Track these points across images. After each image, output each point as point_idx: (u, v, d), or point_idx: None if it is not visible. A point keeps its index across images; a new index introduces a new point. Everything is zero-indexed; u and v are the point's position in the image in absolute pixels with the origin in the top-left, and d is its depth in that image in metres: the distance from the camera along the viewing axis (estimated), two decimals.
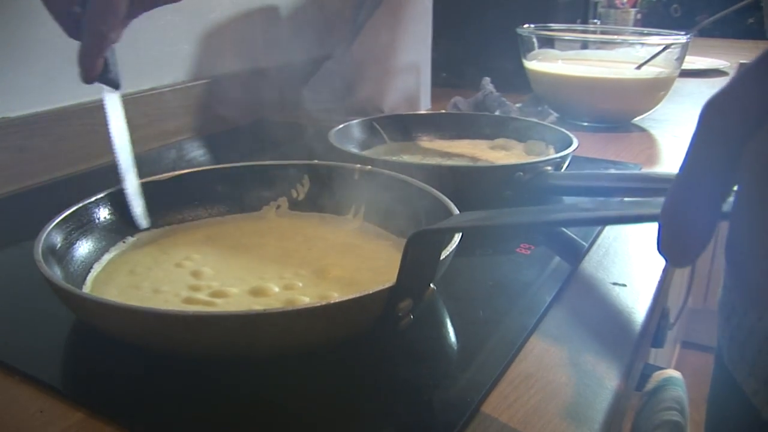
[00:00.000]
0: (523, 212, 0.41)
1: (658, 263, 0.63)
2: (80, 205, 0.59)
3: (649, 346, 0.81)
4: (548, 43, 1.27)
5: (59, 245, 0.54)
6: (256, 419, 0.41)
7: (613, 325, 0.53)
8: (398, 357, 0.48)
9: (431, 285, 0.47)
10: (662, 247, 0.29)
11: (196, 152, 1.08)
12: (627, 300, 0.57)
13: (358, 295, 0.43)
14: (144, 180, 0.65)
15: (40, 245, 0.50)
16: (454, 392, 0.44)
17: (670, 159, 1.01)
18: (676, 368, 2.29)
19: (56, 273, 0.51)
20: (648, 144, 1.10)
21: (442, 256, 0.47)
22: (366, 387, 0.45)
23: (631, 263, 0.63)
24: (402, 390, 0.45)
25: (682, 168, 0.28)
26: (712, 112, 0.28)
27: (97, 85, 0.67)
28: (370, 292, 0.43)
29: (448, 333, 0.51)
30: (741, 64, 2.07)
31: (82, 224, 0.58)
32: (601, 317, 0.54)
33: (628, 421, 0.92)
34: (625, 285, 0.59)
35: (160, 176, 0.66)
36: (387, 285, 0.44)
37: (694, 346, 2.42)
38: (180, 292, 0.53)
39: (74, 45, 0.92)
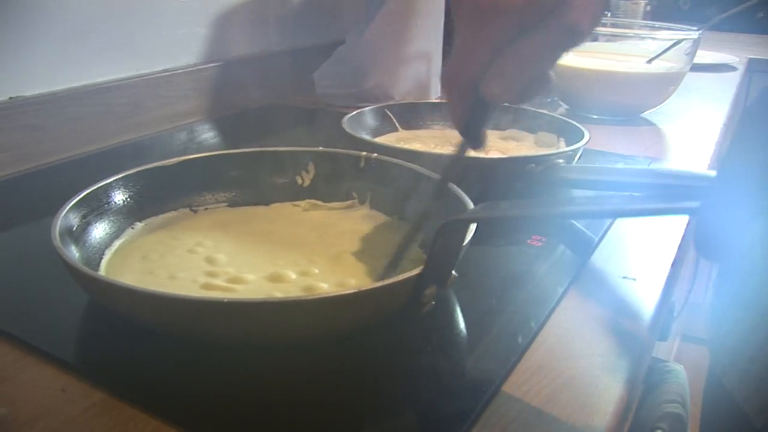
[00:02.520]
0: (550, 203, 0.42)
1: (666, 258, 0.64)
2: (94, 187, 0.59)
3: (656, 339, 0.82)
4: None
5: (75, 227, 0.55)
6: (280, 403, 0.42)
7: (623, 319, 0.53)
8: (417, 344, 0.48)
9: (453, 272, 0.48)
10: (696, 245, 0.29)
11: (207, 134, 1.09)
12: (636, 294, 0.57)
13: (388, 281, 0.44)
14: (150, 165, 0.65)
15: (57, 228, 0.50)
16: (471, 380, 0.45)
17: (677, 154, 1.01)
18: (676, 361, 2.31)
19: (73, 254, 0.52)
20: (657, 138, 1.11)
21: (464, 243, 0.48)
22: (388, 371, 0.46)
23: (640, 257, 0.64)
24: (422, 375, 0.46)
25: None
26: None
27: None
28: (400, 278, 0.44)
29: (463, 322, 0.52)
30: (750, 59, 2.07)
31: (95, 207, 0.58)
32: (611, 310, 0.55)
33: (630, 412, 0.93)
34: (634, 279, 0.60)
35: (167, 161, 0.66)
36: (414, 272, 0.44)
37: (694, 339, 2.43)
38: (197, 278, 0.53)
39: (88, 22, 0.93)
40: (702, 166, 0.96)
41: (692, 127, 1.16)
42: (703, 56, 1.88)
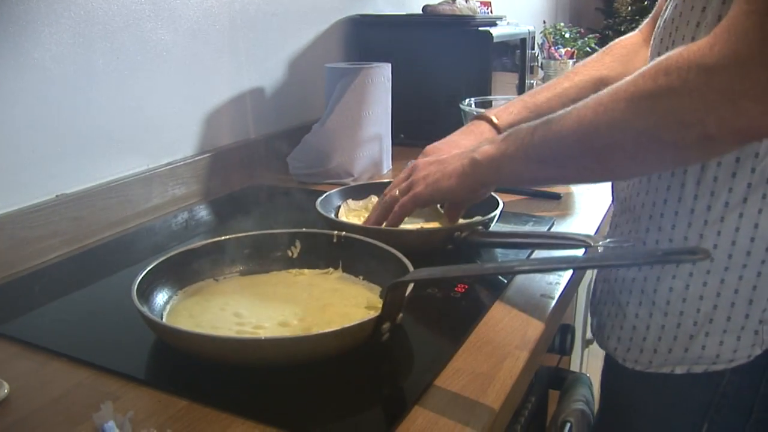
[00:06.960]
0: (461, 268, 0.70)
1: (550, 299, 0.91)
2: (150, 267, 0.84)
3: (557, 353, 1.09)
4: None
5: (142, 295, 0.79)
6: (294, 397, 0.68)
7: (517, 338, 0.80)
8: (380, 359, 0.75)
9: (400, 314, 0.74)
10: None
11: (203, 213, 1.34)
12: (528, 324, 0.84)
13: (358, 322, 0.70)
14: (184, 248, 0.91)
15: (135, 296, 0.76)
16: (415, 379, 0.71)
17: (582, 211, 1.28)
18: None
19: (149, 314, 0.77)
20: (564, 198, 1.38)
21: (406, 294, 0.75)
22: (362, 377, 0.72)
23: (533, 297, 0.91)
24: (383, 378, 0.73)
25: None
26: None
27: None
28: (365, 319, 0.70)
29: (410, 345, 0.79)
30: None
31: (150, 282, 0.83)
32: (507, 334, 0.81)
33: (517, 403, 1.20)
34: (528, 314, 0.86)
35: (196, 245, 0.92)
36: (374, 315, 0.71)
37: None
38: (232, 327, 0.79)
39: (111, 130, 1.19)
40: (594, 223, 1.22)
41: (595, 187, 1.42)
42: None
